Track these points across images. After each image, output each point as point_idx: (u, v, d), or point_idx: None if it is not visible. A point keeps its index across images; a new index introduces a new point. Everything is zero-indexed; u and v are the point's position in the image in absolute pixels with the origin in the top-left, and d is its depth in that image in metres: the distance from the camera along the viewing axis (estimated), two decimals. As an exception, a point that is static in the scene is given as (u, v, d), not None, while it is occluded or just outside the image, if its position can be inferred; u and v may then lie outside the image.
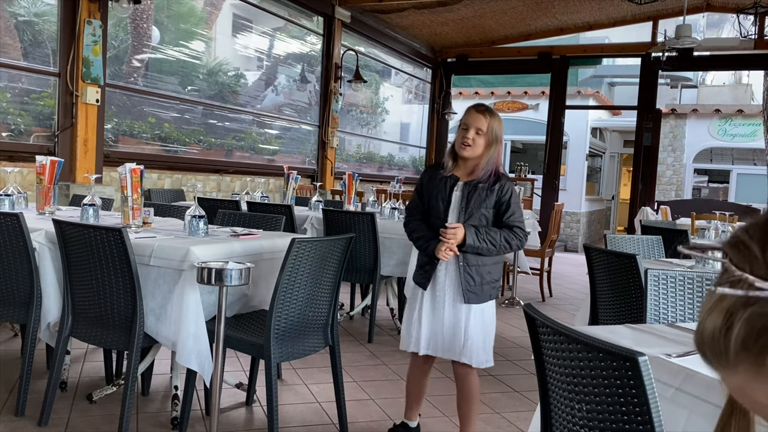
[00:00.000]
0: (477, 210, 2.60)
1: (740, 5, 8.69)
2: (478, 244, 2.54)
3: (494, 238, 2.57)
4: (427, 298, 2.68)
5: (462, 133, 2.61)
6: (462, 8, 9.10)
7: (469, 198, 2.61)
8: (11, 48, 5.26)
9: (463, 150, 2.60)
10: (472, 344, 2.64)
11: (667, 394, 1.47)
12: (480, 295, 2.64)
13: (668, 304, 2.33)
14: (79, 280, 2.79)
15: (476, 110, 2.62)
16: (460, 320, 2.63)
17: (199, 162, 6.98)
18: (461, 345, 2.64)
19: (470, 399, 2.74)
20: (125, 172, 3.09)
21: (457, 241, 2.54)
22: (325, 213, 4.82)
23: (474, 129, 2.59)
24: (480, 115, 2.60)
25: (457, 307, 2.64)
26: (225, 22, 7.77)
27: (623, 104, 15.13)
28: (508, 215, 2.61)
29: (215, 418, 2.53)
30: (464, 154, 2.61)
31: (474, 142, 2.59)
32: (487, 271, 2.64)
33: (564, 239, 12.89)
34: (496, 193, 2.61)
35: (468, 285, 2.61)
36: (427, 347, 2.69)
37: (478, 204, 2.60)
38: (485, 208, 2.60)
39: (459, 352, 2.64)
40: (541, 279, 6.93)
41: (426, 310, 2.68)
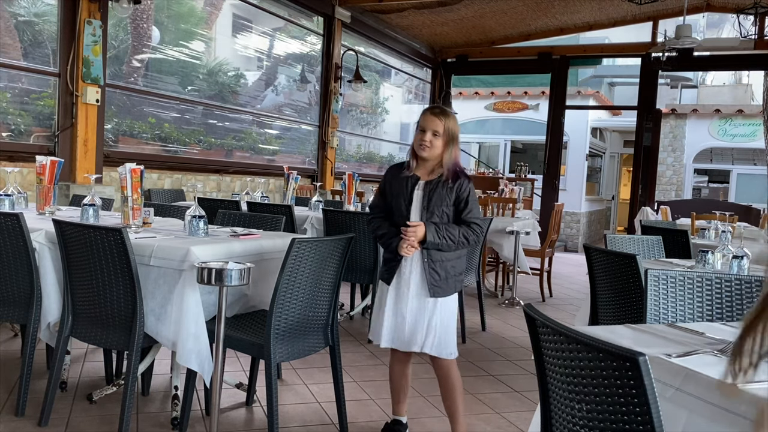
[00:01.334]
0: (438, 208, 2.70)
1: (740, 5, 8.69)
2: (438, 240, 2.66)
3: (453, 234, 2.68)
4: (391, 293, 2.79)
5: (420, 136, 2.72)
6: (462, 8, 9.10)
7: (430, 196, 2.72)
8: (11, 48, 5.26)
9: (422, 151, 2.71)
10: (437, 336, 2.74)
11: (667, 394, 1.47)
12: (445, 289, 2.75)
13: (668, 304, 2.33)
14: (79, 280, 2.79)
15: (431, 113, 2.74)
16: (424, 314, 2.73)
17: (199, 162, 6.98)
18: (423, 338, 2.74)
19: (454, 391, 2.82)
20: (125, 172, 3.09)
21: (418, 239, 2.66)
22: (325, 213, 4.82)
23: (431, 131, 2.70)
24: (435, 118, 2.71)
25: (421, 301, 2.74)
26: (225, 22, 7.77)
27: (623, 104, 15.13)
28: (467, 212, 2.73)
29: (215, 418, 2.53)
30: (423, 155, 2.72)
31: (432, 143, 2.70)
32: (451, 265, 2.76)
33: (564, 239, 12.89)
34: (455, 191, 2.72)
35: (433, 280, 2.72)
36: (390, 341, 2.80)
37: (438, 202, 2.71)
38: (445, 206, 2.71)
39: (419, 344, 2.74)
40: (541, 279, 6.93)
41: (389, 304, 2.78)
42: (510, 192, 7.68)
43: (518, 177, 10.89)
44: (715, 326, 1.97)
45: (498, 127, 14.79)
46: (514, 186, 8.09)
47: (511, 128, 14.60)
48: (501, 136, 14.76)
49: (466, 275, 4.92)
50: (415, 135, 2.76)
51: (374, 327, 2.86)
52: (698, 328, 1.91)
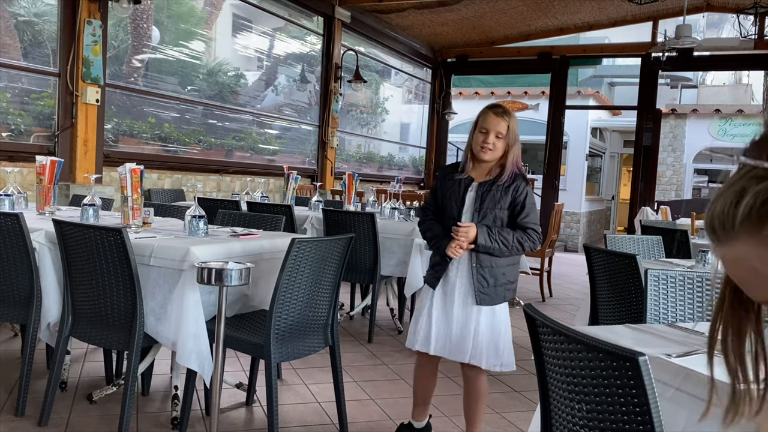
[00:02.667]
0: (491, 210, 2.58)
1: (740, 5, 8.69)
2: (489, 244, 2.53)
3: (506, 238, 2.55)
4: (438, 297, 2.65)
5: (482, 137, 2.57)
6: (462, 8, 9.10)
7: (483, 198, 2.59)
8: (11, 48, 5.26)
9: (484, 154, 2.57)
10: (482, 346, 2.60)
11: (667, 394, 1.47)
12: (493, 297, 2.61)
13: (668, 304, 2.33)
14: (79, 280, 2.79)
15: (495, 113, 2.58)
16: (470, 322, 2.60)
17: (199, 162, 6.98)
18: (470, 347, 2.60)
19: (478, 400, 2.71)
20: (125, 172, 3.09)
21: (468, 240, 2.52)
22: (325, 213, 4.82)
23: (494, 133, 2.56)
24: (500, 119, 2.57)
25: (467, 308, 2.61)
26: (225, 22, 7.78)
27: (623, 104, 15.13)
28: (523, 216, 2.59)
29: (215, 418, 2.53)
30: (485, 157, 2.58)
31: (494, 146, 2.56)
32: (501, 272, 2.61)
33: (564, 239, 12.89)
34: (511, 194, 2.59)
35: (481, 286, 2.59)
36: (435, 347, 2.65)
37: (492, 204, 2.58)
38: (499, 209, 2.58)
39: (468, 354, 2.61)
40: (541, 279, 6.93)
41: (436, 309, 2.65)
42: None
43: (518, 177, 10.87)
44: (715, 326, 1.97)
45: (498, 127, 14.77)
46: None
47: (511, 128, 14.58)
48: (501, 136, 14.74)
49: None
50: (476, 136, 2.59)
51: (415, 333, 2.69)
52: (698, 328, 1.91)
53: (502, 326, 2.64)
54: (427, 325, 2.66)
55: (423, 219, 2.76)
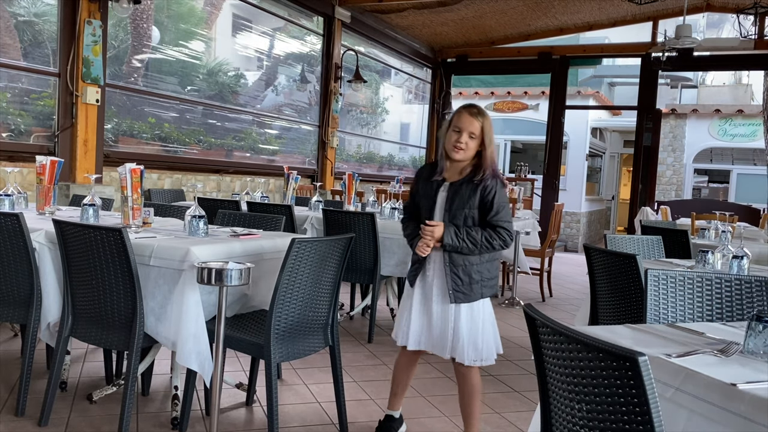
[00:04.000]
0: (460, 210, 2.61)
1: (740, 5, 8.69)
2: (456, 243, 2.57)
3: (474, 237, 2.58)
4: (417, 294, 2.75)
5: (455, 136, 2.61)
6: (462, 8, 9.10)
7: (452, 198, 2.64)
8: (11, 48, 5.26)
9: (456, 153, 2.61)
10: (462, 343, 2.65)
11: (667, 394, 1.47)
12: (468, 295, 2.65)
13: (668, 304, 2.33)
14: (79, 280, 2.79)
15: (469, 113, 2.61)
16: (449, 319, 2.68)
17: (199, 162, 6.98)
18: (449, 343, 2.68)
19: (470, 396, 2.76)
20: (125, 172, 3.09)
21: (435, 238, 2.59)
22: (325, 213, 4.82)
23: (467, 132, 2.60)
24: (473, 119, 2.60)
25: (444, 305, 2.68)
26: (225, 22, 7.77)
27: (623, 104, 15.13)
28: (492, 215, 2.61)
29: (215, 418, 2.53)
30: (457, 157, 2.62)
31: (467, 146, 2.60)
32: (475, 270, 2.64)
33: (564, 239, 12.89)
34: (479, 193, 2.61)
35: (455, 285, 2.63)
36: (417, 343, 2.75)
37: (461, 204, 2.62)
38: (469, 208, 2.61)
39: (447, 350, 2.69)
40: (541, 279, 6.93)
41: (416, 305, 2.75)
42: (510, 192, 7.68)
43: (518, 177, 10.90)
44: (715, 326, 1.97)
45: (498, 127, 14.78)
46: (514, 186, 8.09)
47: (511, 128, 14.60)
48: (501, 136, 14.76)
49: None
50: (448, 135, 2.62)
51: (399, 328, 2.80)
52: (698, 328, 1.91)
53: (480, 323, 2.68)
54: (408, 321, 2.75)
55: (404, 218, 2.87)
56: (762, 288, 2.35)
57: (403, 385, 2.94)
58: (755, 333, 1.61)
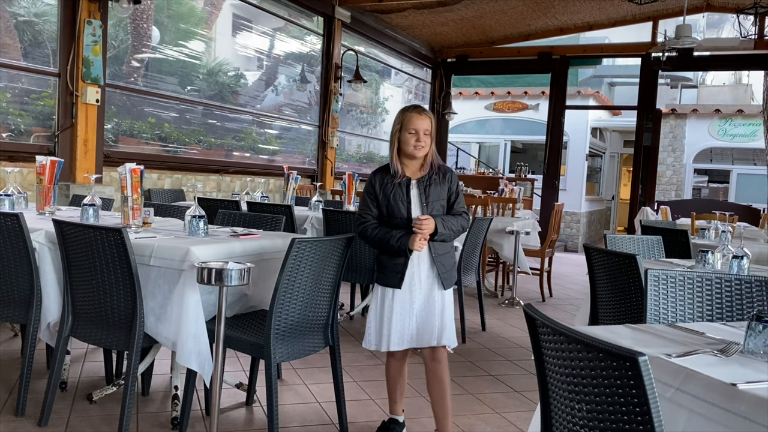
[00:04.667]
0: (436, 203, 2.80)
1: (740, 5, 8.69)
2: (445, 231, 2.75)
3: (453, 224, 2.79)
4: (399, 295, 2.78)
5: (413, 137, 2.77)
6: (462, 8, 9.10)
7: (427, 193, 2.79)
8: (11, 48, 5.26)
9: (418, 151, 2.78)
10: (448, 327, 2.82)
11: (667, 394, 1.47)
12: (450, 280, 2.85)
13: (668, 304, 2.33)
14: (79, 280, 2.79)
15: (420, 113, 2.80)
16: (435, 307, 2.79)
17: (199, 162, 6.98)
18: (436, 329, 2.78)
19: (448, 384, 2.85)
20: (125, 172, 3.09)
21: (430, 232, 2.71)
22: (325, 213, 4.82)
23: (422, 131, 2.77)
24: (426, 117, 2.80)
25: (431, 294, 2.80)
26: (225, 22, 7.77)
27: (623, 104, 15.13)
28: (458, 203, 2.86)
29: (215, 418, 2.53)
30: (419, 154, 2.79)
31: (425, 143, 2.79)
32: (450, 257, 2.88)
33: (564, 239, 12.89)
34: (447, 184, 2.84)
35: (442, 272, 2.81)
36: (400, 343, 2.79)
37: (436, 197, 2.80)
38: (441, 200, 2.82)
39: (434, 336, 2.78)
40: (541, 279, 6.93)
41: (399, 306, 2.78)
42: (510, 192, 7.68)
43: (518, 177, 10.89)
44: (715, 326, 1.97)
45: (498, 127, 14.80)
46: (514, 186, 8.09)
47: (511, 128, 14.60)
48: (501, 136, 14.77)
49: (467, 275, 4.93)
50: (405, 137, 2.77)
51: (376, 334, 2.81)
52: (698, 328, 1.91)
53: (450, 307, 2.87)
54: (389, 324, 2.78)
55: (365, 225, 2.83)
56: (762, 288, 2.35)
57: (400, 389, 2.98)
58: (755, 333, 1.61)
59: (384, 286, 2.80)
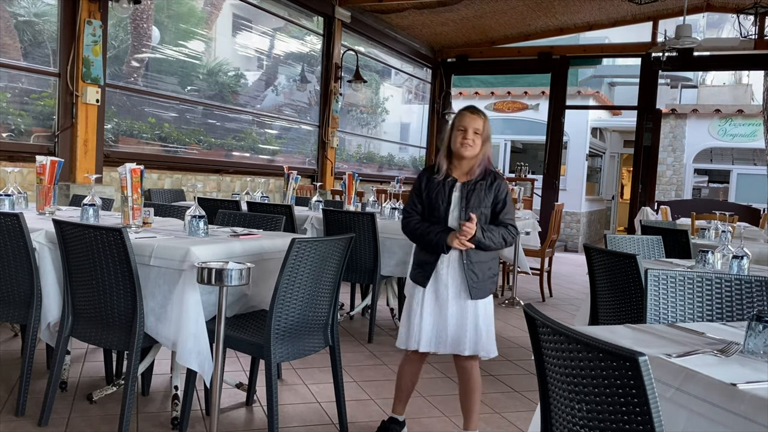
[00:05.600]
0: (477, 209, 2.72)
1: (740, 5, 8.69)
2: (484, 240, 2.68)
3: (494, 235, 2.71)
4: (429, 295, 2.76)
5: (461, 134, 2.72)
6: (462, 8, 9.10)
7: (468, 197, 2.73)
8: (11, 48, 5.26)
9: (465, 150, 2.72)
10: (481, 337, 2.76)
11: (667, 394, 1.47)
12: (482, 290, 2.78)
13: (668, 304, 2.33)
14: (79, 280, 2.79)
15: (471, 112, 2.76)
16: (466, 315, 2.74)
17: (199, 162, 6.98)
18: (468, 339, 2.74)
19: (476, 391, 2.84)
20: (125, 172, 3.09)
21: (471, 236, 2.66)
22: (325, 213, 4.82)
23: (472, 130, 2.71)
24: (476, 116, 2.75)
25: (461, 303, 2.75)
26: (225, 22, 7.77)
27: (623, 104, 15.12)
28: (504, 213, 2.77)
29: (215, 418, 2.53)
30: (466, 153, 2.72)
31: (474, 142, 2.72)
32: (487, 267, 2.79)
33: (564, 239, 12.89)
34: (493, 192, 2.76)
35: (472, 281, 2.74)
36: (429, 344, 2.77)
37: (477, 203, 2.73)
38: (484, 207, 2.74)
39: (466, 345, 2.75)
40: (541, 279, 6.93)
41: (428, 307, 2.76)
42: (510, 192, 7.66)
43: (518, 177, 10.89)
44: (715, 326, 1.97)
45: (498, 127, 14.79)
46: (514, 186, 8.09)
47: (511, 128, 14.60)
48: (501, 136, 14.76)
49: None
50: (454, 135, 2.74)
51: (408, 332, 2.79)
52: (698, 328, 1.91)
53: (492, 317, 2.83)
54: (420, 324, 2.76)
55: (408, 219, 2.84)
56: (762, 288, 2.35)
57: (408, 391, 2.97)
58: (755, 333, 1.61)
59: (415, 282, 2.81)
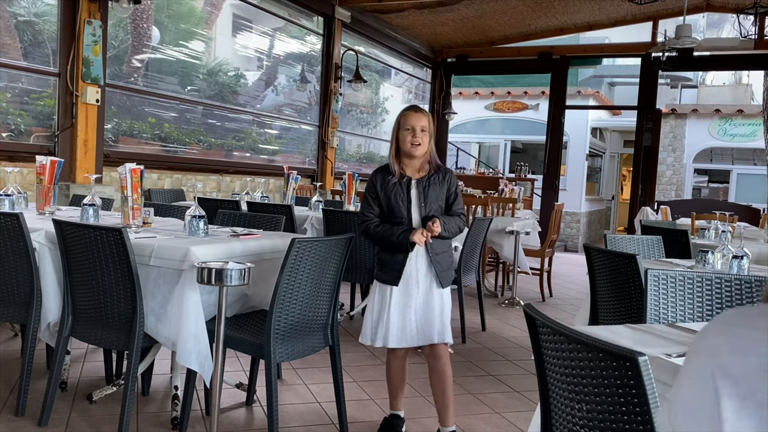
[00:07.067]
0: (435, 203, 2.82)
1: (740, 5, 8.69)
2: (444, 233, 2.79)
3: (452, 225, 2.83)
4: (397, 292, 2.82)
5: (410, 134, 2.79)
6: (462, 8, 9.10)
7: (426, 193, 2.82)
8: (11, 48, 5.26)
9: (415, 150, 2.79)
10: (445, 324, 2.86)
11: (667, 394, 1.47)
12: (447, 278, 2.90)
13: (668, 304, 2.33)
14: (79, 280, 2.79)
15: (415, 111, 2.83)
16: (434, 305, 2.83)
17: (199, 162, 6.98)
18: (436, 327, 2.83)
19: (450, 380, 2.89)
20: (125, 172, 3.09)
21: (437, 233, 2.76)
22: (325, 213, 4.82)
23: (419, 128, 2.78)
24: (421, 114, 2.82)
25: (430, 293, 2.84)
26: (225, 22, 7.77)
27: (623, 104, 15.13)
28: (456, 204, 2.88)
29: (215, 418, 2.53)
30: (417, 153, 2.80)
31: (422, 140, 2.79)
32: (448, 256, 2.94)
33: (564, 239, 12.89)
34: (446, 185, 2.86)
35: (439, 271, 2.85)
36: (399, 340, 2.83)
37: (435, 198, 2.83)
38: (439, 201, 2.84)
39: (435, 334, 2.83)
40: (541, 279, 6.93)
41: (395, 303, 2.82)
42: (510, 192, 7.68)
43: (518, 177, 10.89)
44: (715, 326, 1.97)
45: (498, 127, 14.80)
46: (514, 186, 8.09)
47: (511, 128, 14.60)
48: (501, 136, 14.76)
49: (467, 275, 4.93)
50: (402, 135, 2.80)
51: (372, 329, 2.86)
52: (698, 328, 1.91)
53: (449, 305, 2.92)
54: (387, 321, 2.82)
55: (368, 223, 2.85)
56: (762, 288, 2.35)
57: (401, 386, 3.02)
58: (755, 333, 1.61)
59: (383, 283, 2.85)
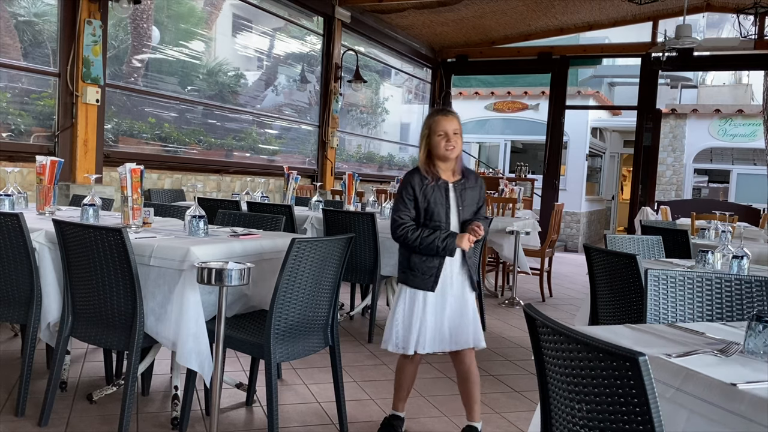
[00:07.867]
0: (469, 207, 2.84)
1: (740, 5, 8.69)
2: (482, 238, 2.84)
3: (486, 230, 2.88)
4: (432, 297, 2.79)
5: (443, 139, 2.76)
6: (462, 8, 9.10)
7: (462, 197, 2.82)
8: (11, 48, 5.26)
9: (450, 152, 2.78)
10: (477, 328, 2.87)
11: (667, 394, 1.47)
12: (474, 280, 2.91)
13: (668, 304, 2.33)
14: (79, 280, 2.79)
15: (447, 115, 2.81)
16: (467, 309, 2.83)
17: (199, 162, 6.98)
18: (471, 332, 2.82)
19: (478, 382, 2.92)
20: (125, 172, 3.09)
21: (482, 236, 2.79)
22: (325, 213, 4.82)
23: (452, 131, 2.77)
24: (452, 118, 2.81)
25: (463, 297, 2.84)
26: (225, 22, 7.77)
27: (623, 104, 15.13)
28: (483, 208, 2.93)
29: (215, 418, 2.53)
30: (452, 155, 2.79)
31: (456, 143, 2.79)
32: (475, 260, 3.09)
33: (564, 239, 12.88)
34: (478, 190, 2.90)
35: (471, 273, 2.88)
36: (432, 345, 2.80)
37: (470, 202, 2.85)
38: (473, 205, 2.87)
39: (471, 338, 2.82)
40: (541, 279, 6.93)
41: (431, 309, 2.79)
42: (510, 192, 7.68)
43: (518, 177, 10.89)
44: (715, 326, 1.97)
45: (498, 127, 14.80)
46: (514, 186, 8.09)
47: (511, 128, 14.60)
48: (501, 136, 14.76)
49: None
50: (435, 140, 2.76)
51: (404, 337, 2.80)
52: (698, 328, 1.91)
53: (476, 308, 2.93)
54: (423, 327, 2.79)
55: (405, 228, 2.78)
56: (762, 288, 2.35)
57: (408, 388, 3.02)
58: (755, 333, 1.61)
59: (414, 288, 2.80)
